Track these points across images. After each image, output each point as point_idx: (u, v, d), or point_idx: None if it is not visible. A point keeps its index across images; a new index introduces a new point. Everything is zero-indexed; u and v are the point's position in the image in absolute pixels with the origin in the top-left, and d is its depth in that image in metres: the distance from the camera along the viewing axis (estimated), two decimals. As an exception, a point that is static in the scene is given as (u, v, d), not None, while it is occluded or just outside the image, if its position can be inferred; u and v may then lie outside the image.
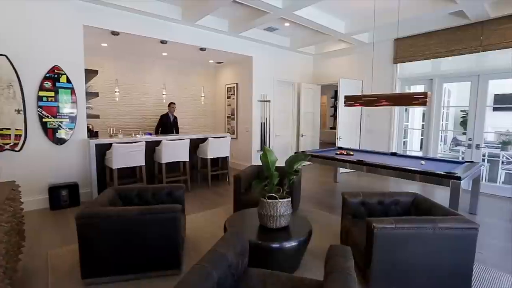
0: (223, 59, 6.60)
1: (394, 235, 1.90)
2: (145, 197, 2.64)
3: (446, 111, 6.06)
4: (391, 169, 3.35)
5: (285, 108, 7.19)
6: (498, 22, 4.49)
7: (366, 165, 3.61)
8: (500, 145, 6.26)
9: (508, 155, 5.44)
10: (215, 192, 4.69)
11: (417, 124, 6.49)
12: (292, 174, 2.25)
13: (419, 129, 6.41)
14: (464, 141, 9.27)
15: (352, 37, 5.66)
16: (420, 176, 3.11)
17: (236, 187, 3.37)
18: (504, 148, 6.15)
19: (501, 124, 6.35)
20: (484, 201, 4.32)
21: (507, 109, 5.53)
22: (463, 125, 9.54)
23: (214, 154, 4.98)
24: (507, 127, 6.15)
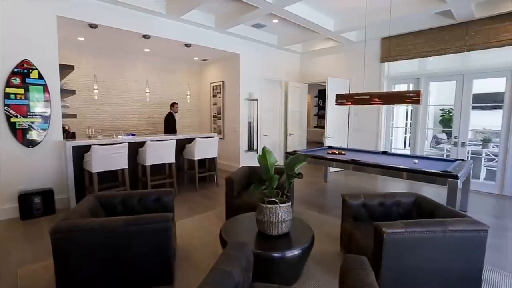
0: (209, 56, 6.36)
1: (404, 239, 1.80)
2: (131, 205, 2.39)
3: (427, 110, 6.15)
4: (390, 169, 3.28)
5: (273, 107, 7.07)
6: (482, 23, 4.59)
7: (364, 165, 3.52)
8: (481, 142, 6.46)
9: (490, 152, 5.60)
10: (203, 195, 4.47)
11: (401, 122, 6.57)
12: (292, 177, 2.10)
13: (403, 128, 6.49)
14: (444, 139, 9.58)
15: (341, 35, 5.61)
16: (418, 176, 3.06)
17: (228, 190, 3.18)
18: (485, 145, 6.36)
19: (478, 122, 6.57)
20: (470, 198, 4.38)
21: (484, 108, 5.70)
22: (442, 123, 9.87)
23: (202, 155, 4.75)
24: (483, 125, 6.38)
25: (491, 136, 6.78)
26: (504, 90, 4.68)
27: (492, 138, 6.92)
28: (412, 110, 5.89)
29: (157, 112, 6.64)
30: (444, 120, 9.95)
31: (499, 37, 4.48)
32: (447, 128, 9.16)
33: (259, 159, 2.15)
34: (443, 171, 2.97)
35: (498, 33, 4.48)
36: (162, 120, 6.73)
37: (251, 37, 5.76)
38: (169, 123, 6.08)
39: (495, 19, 4.47)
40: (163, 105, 6.73)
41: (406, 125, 6.51)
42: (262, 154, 2.13)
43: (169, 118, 6.10)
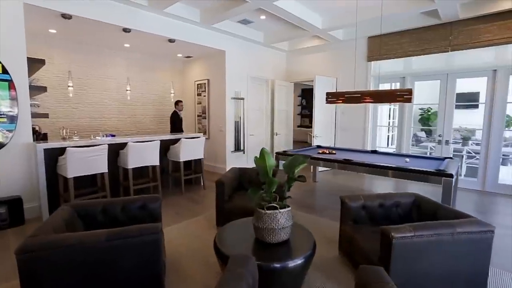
0: (193, 53, 6.10)
1: (412, 244, 1.71)
2: (113, 213, 2.15)
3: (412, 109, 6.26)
4: (388, 169, 3.21)
5: (259, 106, 6.93)
6: (466, 23, 4.68)
7: (361, 165, 3.44)
8: (461, 140, 6.68)
9: (471, 149, 5.78)
10: (190, 199, 4.24)
11: (384, 121, 6.65)
12: (293, 180, 1.96)
13: (386, 126, 6.57)
14: (423, 137, 9.83)
15: (328, 33, 5.56)
16: (414, 175, 3.02)
17: (219, 194, 3.00)
18: (465, 143, 6.57)
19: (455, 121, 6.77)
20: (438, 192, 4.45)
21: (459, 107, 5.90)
22: (421, 122, 10.15)
23: (188, 156, 4.51)
24: (459, 124, 6.59)
25: (467, 134, 7.04)
26: (486, 90, 4.80)
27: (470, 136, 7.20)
28: (395, 109, 5.95)
29: (138, 111, 6.29)
30: (423, 119, 10.26)
31: (481, 38, 4.59)
32: (426, 127, 9.45)
33: (257, 161, 1.99)
34: (438, 169, 2.95)
35: (480, 34, 4.59)
36: (144, 119, 6.40)
37: (237, 33, 5.57)
38: (175, 122, 5.82)
39: (477, 20, 4.57)
40: (145, 104, 6.39)
41: (389, 124, 6.60)
42: (260, 155, 1.97)
43: (174, 117, 5.81)
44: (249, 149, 6.61)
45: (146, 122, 6.42)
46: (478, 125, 5.05)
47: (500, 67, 4.62)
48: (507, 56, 4.61)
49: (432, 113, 10.61)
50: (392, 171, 3.18)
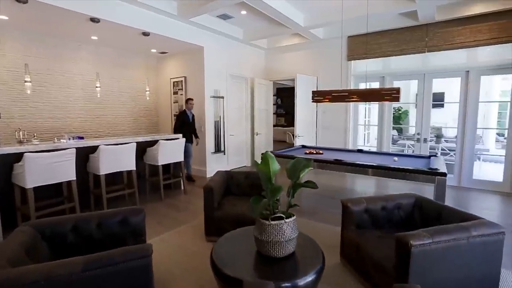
0: (169, 49, 5.70)
1: (431, 251, 1.60)
2: (87, 231, 1.81)
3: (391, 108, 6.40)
4: (384, 169, 3.13)
5: (239, 105, 6.70)
6: (440, 26, 4.83)
7: (357, 166, 3.33)
8: (435, 138, 6.97)
9: (445, 147, 6.03)
10: (170, 206, 3.90)
11: (361, 120, 6.74)
12: (299, 186, 1.76)
13: (363, 125, 6.66)
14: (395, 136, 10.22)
15: (310, 31, 5.47)
16: (408, 175, 2.98)
17: (207, 201, 2.73)
18: (438, 141, 6.87)
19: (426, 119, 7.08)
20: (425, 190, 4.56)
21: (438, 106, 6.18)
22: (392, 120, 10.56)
23: (167, 159, 4.16)
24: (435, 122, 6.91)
25: (437, 132, 7.39)
26: (459, 90, 5.00)
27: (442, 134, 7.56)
28: (370, 108, 6.04)
29: (109, 111, 5.74)
30: (395, 118, 10.69)
31: (455, 40, 4.75)
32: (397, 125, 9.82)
33: (259, 166, 1.77)
34: (431, 168, 2.94)
35: (454, 36, 4.75)
36: (116, 120, 5.87)
37: (216, 29, 5.29)
38: (183, 123, 5.16)
39: (451, 23, 4.73)
40: (116, 102, 5.85)
41: (365, 123, 6.71)
42: (263, 160, 1.75)
43: (183, 117, 5.19)
44: (230, 149, 6.36)
45: (117, 122, 5.90)
46: (443, 123, 5.26)
47: (472, 68, 4.83)
48: (478, 58, 4.83)
49: (403, 112, 11.11)
50: (387, 171, 3.12)
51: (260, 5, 4.18)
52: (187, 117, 5.26)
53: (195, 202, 4.07)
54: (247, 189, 3.29)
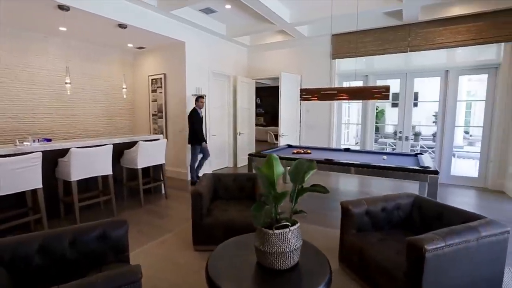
0: (147, 43, 5.34)
1: (443, 254, 1.52)
2: (58, 251, 1.53)
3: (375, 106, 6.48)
4: (379, 168, 3.06)
5: (221, 104, 6.47)
6: (422, 26, 4.93)
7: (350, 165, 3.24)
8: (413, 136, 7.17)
9: (424, 144, 6.20)
10: (151, 213, 3.61)
11: (344, 119, 6.78)
12: (305, 191, 1.60)
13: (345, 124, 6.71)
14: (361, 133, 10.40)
15: (295, 28, 5.37)
16: (401, 173, 2.94)
17: (196, 207, 2.51)
18: (416, 139, 7.08)
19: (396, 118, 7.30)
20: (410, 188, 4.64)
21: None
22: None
23: (147, 162, 3.86)
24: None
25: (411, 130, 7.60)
26: (439, 89, 5.14)
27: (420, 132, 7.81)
28: (349, 107, 6.08)
29: (80, 110, 5.27)
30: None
31: (435, 40, 4.87)
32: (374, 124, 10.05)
33: (261, 169, 1.59)
34: (423, 167, 2.93)
35: (435, 37, 4.87)
36: (88, 120, 5.41)
37: (198, 23, 5.02)
38: (193, 123, 4.88)
39: (433, 24, 4.84)
40: (88, 101, 5.39)
41: (347, 121, 6.77)
42: (267, 162, 1.57)
43: (193, 116, 4.89)
44: (212, 150, 6.11)
45: (90, 122, 5.44)
46: (417, 122, 5.42)
47: (451, 68, 4.98)
48: (457, 58, 4.99)
49: (379, 111, 11.43)
50: (380, 171, 3.06)
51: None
52: (199, 116, 5.00)
53: (178, 207, 3.81)
54: (235, 193, 3.11)
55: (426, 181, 2.82)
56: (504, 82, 4.53)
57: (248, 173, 3.28)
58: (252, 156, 4.00)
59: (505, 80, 4.51)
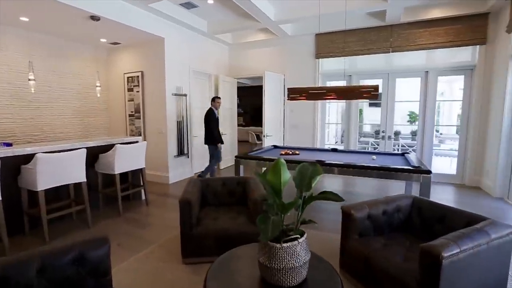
0: (123, 38, 4.96)
1: (458, 261, 1.44)
2: (23, 282, 1.26)
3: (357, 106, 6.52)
4: (373, 169, 2.99)
5: (203, 104, 6.22)
6: (404, 27, 5.01)
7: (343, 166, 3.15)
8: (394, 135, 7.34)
9: (404, 143, 6.35)
10: (132, 222, 3.31)
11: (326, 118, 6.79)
12: (314, 199, 1.45)
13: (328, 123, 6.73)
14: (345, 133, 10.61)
15: (279, 26, 5.26)
16: (396, 174, 2.90)
17: (184, 216, 2.28)
18: (396, 138, 7.24)
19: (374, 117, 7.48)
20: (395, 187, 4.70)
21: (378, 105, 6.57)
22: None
23: (125, 166, 3.54)
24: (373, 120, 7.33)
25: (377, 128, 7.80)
26: (419, 88, 5.26)
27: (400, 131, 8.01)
28: (330, 106, 6.10)
29: (47, 110, 4.77)
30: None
31: (416, 42, 4.98)
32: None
33: (268, 176, 1.42)
34: (415, 166, 2.91)
35: (416, 38, 4.97)
36: (56, 121, 4.93)
37: (178, 18, 4.74)
38: (209, 123, 4.86)
39: (414, 25, 4.94)
40: (57, 100, 4.89)
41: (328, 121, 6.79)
42: (275, 168, 1.41)
43: (210, 116, 4.88)
44: (194, 152, 5.85)
45: (59, 124, 4.95)
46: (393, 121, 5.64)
47: (431, 69, 5.11)
48: (436, 60, 5.13)
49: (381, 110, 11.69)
50: (375, 171, 3.00)
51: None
52: (216, 116, 4.96)
53: (161, 214, 3.54)
54: (225, 198, 2.91)
55: (419, 181, 2.80)
56: (479, 83, 4.71)
57: (237, 177, 3.10)
58: (239, 159, 3.83)
59: (480, 82, 4.70)
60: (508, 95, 4.09)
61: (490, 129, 4.56)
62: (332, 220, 3.32)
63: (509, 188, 4.17)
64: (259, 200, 2.30)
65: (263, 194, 2.38)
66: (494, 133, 4.41)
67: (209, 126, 4.85)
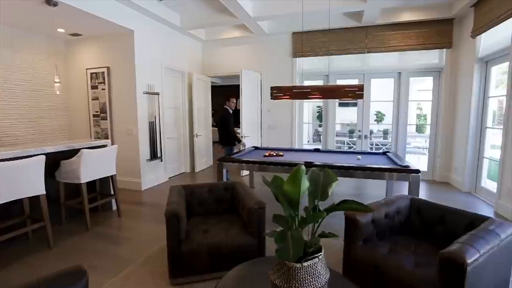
0: (85, 29, 4.41)
1: (478, 266, 1.38)
2: None
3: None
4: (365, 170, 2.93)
5: (176, 103, 5.85)
6: (379, 29, 5.14)
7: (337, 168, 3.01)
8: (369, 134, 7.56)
9: (378, 142, 6.56)
10: (103, 238, 2.90)
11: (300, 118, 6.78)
12: (335, 209, 1.30)
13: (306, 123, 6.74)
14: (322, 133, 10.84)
15: (257, 23, 5.09)
16: (387, 174, 2.88)
17: (172, 232, 2.01)
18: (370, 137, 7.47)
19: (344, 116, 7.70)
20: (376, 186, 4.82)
21: (346, 105, 6.81)
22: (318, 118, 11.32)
23: (93, 174, 3.11)
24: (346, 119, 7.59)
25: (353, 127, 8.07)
26: (393, 89, 5.44)
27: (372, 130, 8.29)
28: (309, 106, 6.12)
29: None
30: (320, 116, 11.45)
31: (390, 43, 5.13)
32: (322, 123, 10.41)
33: (284, 187, 1.23)
34: (403, 166, 2.93)
35: (389, 40, 5.12)
36: (2, 122, 4.24)
37: (150, 10, 4.35)
38: (226, 122, 4.75)
39: (387, 27, 5.08)
40: (3, 98, 4.21)
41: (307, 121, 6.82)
42: (293, 177, 1.22)
43: (227, 117, 4.76)
44: (168, 155, 5.46)
45: (6, 125, 4.27)
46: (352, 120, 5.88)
47: (403, 70, 5.31)
48: (408, 61, 5.34)
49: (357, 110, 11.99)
50: (363, 172, 2.96)
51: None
52: (229, 117, 4.82)
53: (137, 227, 3.17)
54: (212, 206, 2.68)
55: (408, 180, 2.81)
56: (446, 85, 4.98)
57: (224, 182, 2.87)
58: (222, 162, 3.58)
59: (447, 84, 4.98)
60: (474, 97, 4.36)
61: (457, 128, 4.84)
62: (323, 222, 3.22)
63: (476, 183, 4.45)
64: (255, 208, 2.10)
65: (258, 201, 2.19)
66: (461, 132, 4.68)
67: (227, 126, 4.76)
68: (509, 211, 3.37)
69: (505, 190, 3.49)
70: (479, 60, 4.26)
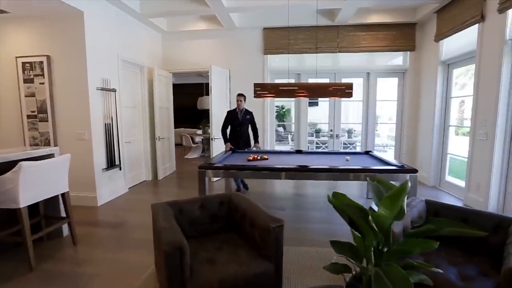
0: (14, 5, 3.44)
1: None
2: None
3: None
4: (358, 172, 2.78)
5: (135, 102, 5.11)
6: (350, 29, 5.17)
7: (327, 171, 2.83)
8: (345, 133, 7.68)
9: (346, 141, 6.71)
10: (56, 279, 2.20)
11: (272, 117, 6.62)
12: (436, 230, 1.02)
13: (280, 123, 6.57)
14: (282, 132, 10.90)
15: (228, 14, 4.67)
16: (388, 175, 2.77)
17: (174, 271, 1.53)
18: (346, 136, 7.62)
19: (313, 116, 7.84)
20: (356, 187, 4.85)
21: (313, 105, 6.96)
22: (277, 118, 11.35)
23: (37, 194, 2.37)
24: (313, 119, 7.73)
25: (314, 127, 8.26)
26: (362, 89, 5.57)
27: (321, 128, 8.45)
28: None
29: None
30: (280, 116, 11.51)
31: (360, 44, 5.21)
32: (281, 123, 10.47)
33: (373, 213, 0.91)
34: (399, 166, 2.87)
35: (359, 40, 5.20)
36: None
37: (103, -11, 3.62)
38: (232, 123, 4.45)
39: (358, 28, 5.15)
40: None
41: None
42: (394, 197, 0.91)
43: (231, 115, 4.46)
44: (126, 162, 4.70)
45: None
46: (318, 120, 5.99)
47: (372, 71, 5.46)
48: (376, 62, 5.50)
49: (286, 110, 12.08)
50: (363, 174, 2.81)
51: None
52: (235, 115, 4.47)
53: (102, 256, 2.52)
54: (206, 226, 2.24)
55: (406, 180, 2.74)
56: (410, 86, 5.26)
57: (218, 195, 2.44)
58: (204, 169, 3.09)
59: (411, 85, 5.25)
60: (438, 97, 4.64)
61: (421, 127, 5.13)
62: (321, 230, 3.01)
63: (440, 178, 4.76)
64: (273, 227, 1.75)
65: (274, 218, 1.84)
66: (425, 131, 4.96)
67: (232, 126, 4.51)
68: (477, 203, 3.60)
69: (474, 184, 3.73)
70: (441, 63, 4.54)
